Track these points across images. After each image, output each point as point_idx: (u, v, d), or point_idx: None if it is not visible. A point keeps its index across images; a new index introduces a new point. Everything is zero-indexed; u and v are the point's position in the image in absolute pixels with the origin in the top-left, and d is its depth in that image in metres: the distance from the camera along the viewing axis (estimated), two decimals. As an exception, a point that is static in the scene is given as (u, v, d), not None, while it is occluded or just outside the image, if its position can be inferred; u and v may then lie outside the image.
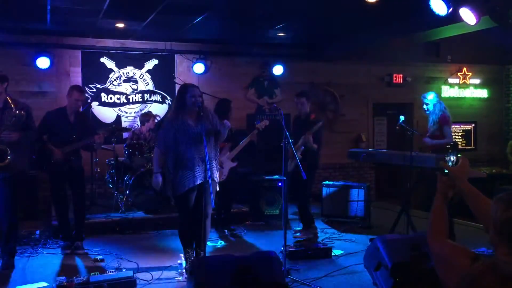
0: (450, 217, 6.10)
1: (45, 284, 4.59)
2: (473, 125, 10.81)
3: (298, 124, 6.37)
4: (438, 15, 5.28)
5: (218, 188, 4.95)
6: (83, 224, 5.82)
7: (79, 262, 5.36)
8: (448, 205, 2.21)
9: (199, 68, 8.59)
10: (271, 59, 9.10)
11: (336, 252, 5.62)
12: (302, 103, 6.31)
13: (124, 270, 4.73)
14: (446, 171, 2.20)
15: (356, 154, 7.10)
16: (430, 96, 6.35)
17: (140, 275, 4.75)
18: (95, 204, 7.51)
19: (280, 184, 7.14)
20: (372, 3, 6.14)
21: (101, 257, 5.41)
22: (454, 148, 2.24)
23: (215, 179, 4.81)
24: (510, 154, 9.39)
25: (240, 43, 8.83)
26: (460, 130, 10.67)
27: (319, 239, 6.25)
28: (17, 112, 4.85)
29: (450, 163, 2.26)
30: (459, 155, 2.32)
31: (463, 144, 10.69)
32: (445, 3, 5.13)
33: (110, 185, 7.47)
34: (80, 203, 5.73)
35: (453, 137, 6.98)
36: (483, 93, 11.03)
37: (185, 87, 4.92)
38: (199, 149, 4.60)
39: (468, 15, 5.36)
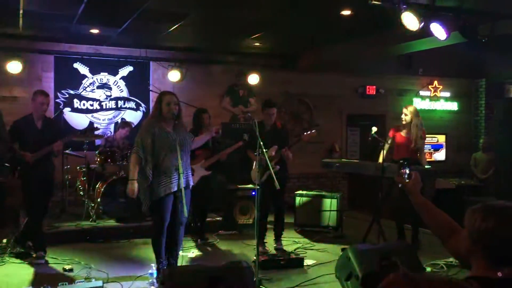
0: (416, 226, 6.24)
1: (11, 294, 4.48)
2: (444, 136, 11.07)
3: (265, 133, 6.15)
4: (410, 30, 5.41)
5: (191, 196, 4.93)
6: (42, 233, 5.71)
7: (47, 271, 5.23)
8: (414, 214, 2.26)
9: (174, 76, 8.55)
10: (247, 68, 9.13)
11: (308, 262, 5.64)
12: (274, 113, 6.17)
13: (93, 280, 4.64)
14: (400, 185, 2.34)
15: (329, 164, 7.17)
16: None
17: (110, 285, 4.68)
18: (65, 212, 7.36)
19: (253, 193, 7.14)
20: (346, 16, 6.25)
21: (70, 266, 5.30)
22: (408, 162, 2.32)
23: (190, 188, 4.79)
24: (474, 166, 9.64)
25: (216, 51, 8.85)
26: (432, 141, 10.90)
27: (292, 249, 6.26)
28: None
29: (405, 176, 2.33)
30: (409, 170, 2.38)
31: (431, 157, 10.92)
32: (416, 18, 5.25)
33: (81, 193, 7.35)
34: (45, 211, 5.64)
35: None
36: (453, 106, 11.31)
37: (162, 94, 4.91)
38: (174, 157, 4.58)
39: (438, 31, 5.51)
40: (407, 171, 2.34)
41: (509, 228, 1.71)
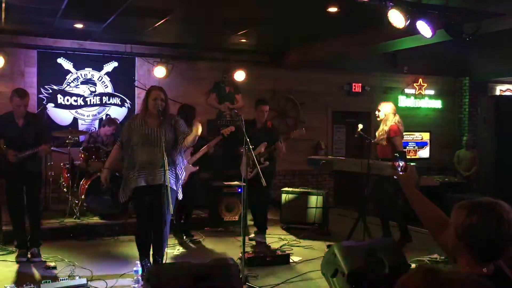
0: (405, 222, 6.29)
1: (-8, 292, 4.40)
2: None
3: (255, 131, 6.21)
4: (395, 27, 5.43)
5: (180, 197, 4.87)
6: (39, 230, 5.61)
7: (30, 269, 5.15)
8: (399, 211, 2.28)
9: (159, 71, 8.48)
10: (233, 65, 9.10)
11: (294, 258, 5.65)
12: (267, 110, 6.32)
13: (77, 277, 4.59)
14: (395, 177, 2.37)
15: (315, 161, 7.18)
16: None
17: (94, 283, 4.63)
18: (49, 209, 7.27)
19: (239, 190, 7.13)
20: (333, 14, 6.26)
21: (53, 264, 5.22)
22: (402, 155, 2.34)
23: (173, 186, 4.68)
24: (457, 163, 9.75)
25: (202, 48, 8.80)
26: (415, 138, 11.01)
27: (278, 246, 6.26)
28: None
29: (399, 169, 2.34)
30: (409, 163, 2.41)
31: (413, 154, 11.02)
32: (402, 16, 5.28)
33: (65, 190, 7.26)
34: (36, 208, 5.56)
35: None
36: (437, 104, 11.41)
37: (149, 89, 4.91)
38: (153, 153, 4.54)
39: (424, 28, 5.55)
40: (401, 164, 2.35)
41: (490, 224, 1.73)
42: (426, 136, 11.20)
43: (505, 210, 1.75)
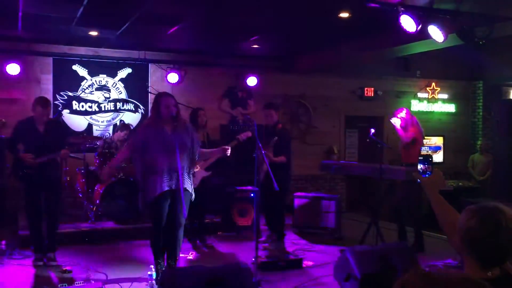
0: (420, 229, 6.26)
1: (10, 296, 4.48)
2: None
3: (267, 134, 6.37)
4: (407, 32, 5.43)
5: (193, 199, 4.92)
6: (56, 235, 5.70)
7: (46, 273, 5.24)
8: (418, 217, 2.29)
9: (173, 77, 8.57)
10: (245, 70, 9.16)
11: (307, 263, 5.66)
12: (270, 114, 6.35)
13: (92, 281, 4.66)
14: (418, 180, 2.37)
15: (328, 166, 7.19)
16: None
17: (109, 287, 4.69)
18: (64, 213, 7.32)
19: (252, 195, 7.16)
20: (344, 18, 6.28)
21: (69, 268, 5.30)
22: (426, 158, 2.34)
23: (189, 189, 4.77)
24: (471, 168, 9.67)
25: (214, 53, 8.87)
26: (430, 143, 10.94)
27: (290, 250, 6.27)
28: None
29: (421, 171, 2.36)
30: (426, 166, 2.41)
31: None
32: (414, 21, 5.28)
33: (80, 194, 7.36)
34: (54, 213, 5.63)
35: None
36: (451, 108, 11.34)
37: (159, 96, 4.92)
38: (171, 158, 4.57)
39: (436, 33, 5.54)
40: (423, 167, 2.36)
41: (487, 231, 1.74)
42: (439, 141, 11.12)
43: (506, 216, 1.74)
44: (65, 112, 8.22)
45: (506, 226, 1.72)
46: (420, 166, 2.37)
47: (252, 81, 9.10)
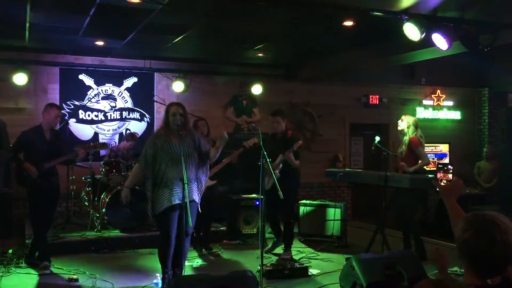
0: (418, 236, 6.23)
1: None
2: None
3: (275, 142, 6.35)
4: (411, 40, 5.45)
5: (200, 209, 4.91)
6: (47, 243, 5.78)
7: (53, 281, 5.26)
8: (420, 225, 2.30)
9: (178, 86, 8.63)
10: (250, 79, 9.21)
11: (312, 271, 5.65)
12: (277, 121, 6.32)
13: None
14: (437, 189, 2.41)
15: (333, 174, 7.18)
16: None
17: (115, 295, 4.70)
18: (70, 222, 7.39)
19: (257, 203, 7.16)
20: (349, 27, 6.31)
21: (75, 276, 5.32)
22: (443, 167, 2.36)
23: (195, 200, 4.76)
24: (478, 175, 9.63)
25: (219, 62, 8.92)
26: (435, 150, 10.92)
27: (296, 258, 6.26)
28: None
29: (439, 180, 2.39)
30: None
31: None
32: (418, 29, 5.30)
33: (86, 203, 7.39)
34: (48, 221, 5.69)
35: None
36: (456, 115, 11.32)
37: (169, 105, 4.93)
38: (179, 169, 4.56)
39: (440, 41, 5.56)
40: (441, 176, 2.39)
41: (481, 244, 1.73)
42: (445, 148, 11.10)
43: (501, 230, 1.73)
44: (72, 121, 8.28)
45: (500, 239, 1.71)
46: (439, 174, 2.40)
47: (257, 89, 9.15)
